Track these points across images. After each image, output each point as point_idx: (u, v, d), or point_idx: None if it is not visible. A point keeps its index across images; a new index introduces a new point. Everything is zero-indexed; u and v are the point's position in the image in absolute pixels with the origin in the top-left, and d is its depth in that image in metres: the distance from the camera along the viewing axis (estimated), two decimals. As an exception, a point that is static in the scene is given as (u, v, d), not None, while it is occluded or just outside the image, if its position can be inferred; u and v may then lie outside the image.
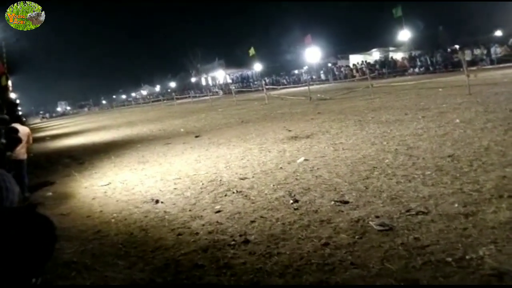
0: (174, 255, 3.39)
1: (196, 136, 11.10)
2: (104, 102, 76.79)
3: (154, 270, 3.14)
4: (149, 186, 6.01)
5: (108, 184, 6.56)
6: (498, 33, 36.95)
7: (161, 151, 9.41)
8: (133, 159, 8.76)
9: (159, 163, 7.87)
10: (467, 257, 2.65)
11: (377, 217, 3.53)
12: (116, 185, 6.45)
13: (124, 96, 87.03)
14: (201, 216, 4.30)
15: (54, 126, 32.87)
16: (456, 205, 3.51)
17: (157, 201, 5.09)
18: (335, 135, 7.98)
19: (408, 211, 3.55)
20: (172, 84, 72.28)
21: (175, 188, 5.65)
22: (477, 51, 27.15)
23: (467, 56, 24.18)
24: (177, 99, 39.46)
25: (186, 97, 40.07)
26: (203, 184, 5.66)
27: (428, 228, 3.16)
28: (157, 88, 78.40)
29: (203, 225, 4.01)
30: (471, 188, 3.88)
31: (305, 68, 43.89)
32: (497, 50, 25.95)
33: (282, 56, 54.21)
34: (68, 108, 70.09)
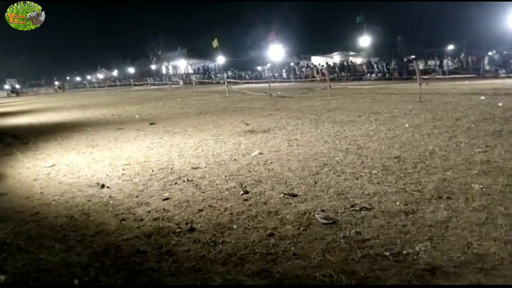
0: (115, 240, 3.26)
1: (151, 124, 10.82)
2: (56, 83, 72.93)
3: (92, 254, 3.00)
4: (96, 170, 5.77)
5: (52, 166, 6.24)
6: (451, 47, 39.05)
7: (112, 136, 9.09)
8: (82, 142, 8.39)
9: (109, 148, 7.60)
10: (404, 252, 2.76)
11: (322, 210, 3.59)
12: (60, 167, 6.14)
13: (78, 78, 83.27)
14: (148, 202, 4.18)
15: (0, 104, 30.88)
16: (398, 203, 3.65)
17: (102, 186, 4.90)
18: (291, 131, 8.07)
19: (352, 206, 3.64)
20: (131, 70, 70.16)
21: (123, 174, 5.47)
22: (431, 62, 28.50)
23: (421, 65, 25.30)
24: (135, 85, 38.33)
25: (144, 84, 38.99)
26: (153, 171, 5.52)
27: (370, 223, 3.25)
28: (115, 72, 75.84)
29: (149, 211, 3.91)
30: (413, 188, 4.05)
31: (268, 65, 44.10)
32: (449, 63, 27.37)
33: (246, 51, 54.19)
34: (18, 86, 65.33)
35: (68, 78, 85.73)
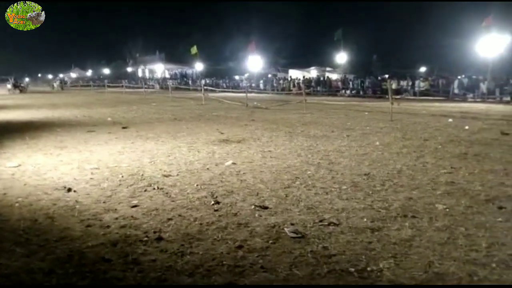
0: (79, 246, 3.18)
1: (124, 127, 10.65)
2: (27, 79, 70.70)
3: (55, 260, 2.91)
4: (63, 173, 5.62)
5: (17, 166, 6.03)
6: (423, 69, 40.49)
7: (82, 138, 8.88)
8: (50, 143, 8.16)
9: (78, 150, 7.41)
10: (368, 268, 2.82)
11: (292, 224, 3.63)
12: (26, 167, 5.94)
13: (50, 76, 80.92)
14: (116, 209, 4.10)
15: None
16: (365, 219, 3.73)
17: (69, 190, 4.77)
18: (265, 143, 8.12)
19: (321, 221, 3.69)
20: (106, 71, 68.89)
21: (91, 178, 5.35)
22: (403, 82, 29.40)
23: (394, 85, 26.06)
24: (109, 86, 37.64)
25: (119, 86, 38.33)
26: (123, 176, 5.42)
27: (337, 238, 3.31)
28: (89, 72, 74.27)
29: (116, 218, 3.83)
30: (380, 205, 4.15)
31: (246, 75, 44.35)
32: (420, 84, 28.31)
33: (225, 60, 54.33)
34: (27, 79, 62.08)
35: (39, 75, 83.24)
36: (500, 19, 24.72)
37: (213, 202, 4.27)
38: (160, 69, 59.88)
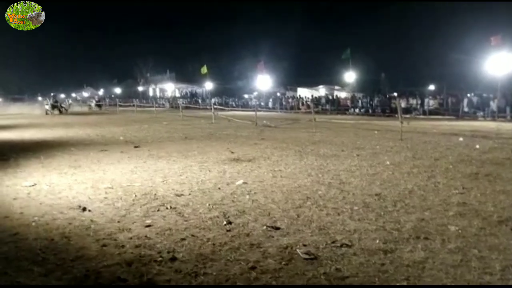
0: (96, 266, 3.24)
1: (136, 147, 10.80)
2: (40, 98, 72.04)
3: (72, 280, 2.98)
4: (78, 192, 5.72)
5: (33, 185, 6.15)
6: (432, 87, 40.48)
7: (95, 157, 9.03)
8: (64, 162, 8.31)
9: (92, 169, 7.54)
10: (381, 290, 2.83)
11: (304, 245, 3.65)
12: (41, 187, 6.06)
13: (63, 96, 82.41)
14: (130, 229, 4.17)
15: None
16: (378, 241, 3.74)
17: (84, 209, 4.86)
18: (275, 162, 8.17)
19: (333, 242, 3.71)
20: (118, 90, 69.95)
21: (105, 197, 5.44)
22: (413, 101, 29.40)
23: (403, 104, 26.08)
24: (121, 106, 38.20)
25: (130, 105, 38.89)
26: (136, 196, 5.50)
27: (350, 260, 3.32)
28: (101, 91, 75.46)
29: (131, 238, 3.89)
30: (392, 226, 4.16)
31: (255, 93, 44.75)
32: (430, 102, 28.30)
33: (234, 79, 54.95)
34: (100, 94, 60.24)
35: (52, 94, 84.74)
36: (510, 38, 24.79)
37: (225, 222, 4.31)
38: (170, 88, 60.72)
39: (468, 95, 27.91)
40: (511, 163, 7.91)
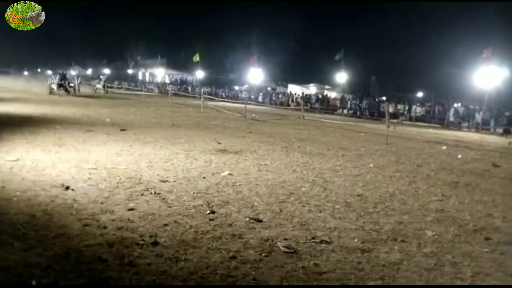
0: (77, 245, 3.25)
1: (122, 130, 10.71)
2: (26, 73, 70.38)
3: (53, 257, 2.98)
4: (61, 171, 5.68)
5: (16, 160, 6.07)
6: (420, 94, 41.06)
7: (81, 137, 8.94)
8: (49, 140, 8.21)
9: (76, 149, 7.47)
10: (356, 288, 2.91)
11: (285, 239, 3.72)
12: (25, 162, 5.99)
13: (50, 72, 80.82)
14: (113, 211, 4.17)
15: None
16: (356, 240, 3.83)
17: (67, 187, 4.83)
18: (261, 156, 8.23)
19: (313, 238, 3.79)
20: (106, 71, 68.88)
21: (89, 178, 5.41)
22: (400, 106, 29.80)
23: (391, 108, 26.40)
24: (109, 87, 37.67)
25: (118, 87, 38.38)
26: (120, 179, 5.49)
27: (328, 256, 3.41)
28: (89, 71, 74.17)
29: (113, 220, 3.90)
30: (371, 227, 4.26)
31: (246, 86, 44.67)
32: (417, 109, 28.73)
33: (226, 70, 54.70)
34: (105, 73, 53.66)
35: (39, 70, 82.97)
36: (500, 52, 25.29)
37: (208, 211, 4.35)
38: (160, 73, 60.13)
39: (455, 105, 28.44)
40: (490, 174, 8.14)
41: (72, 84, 27.55)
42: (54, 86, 26.13)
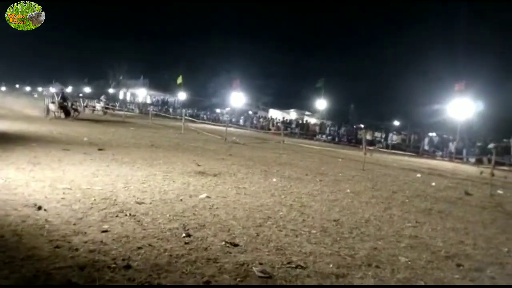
0: (46, 267, 3.15)
1: (100, 149, 10.56)
2: (3, 89, 69.00)
3: (20, 279, 2.88)
4: (35, 190, 5.53)
5: (-14, 178, 5.90)
6: (396, 122, 42.15)
7: (57, 155, 8.77)
8: (23, 158, 8.01)
9: (51, 168, 7.31)
10: (330, 313, 2.92)
11: (260, 264, 3.70)
12: (-4, 181, 5.82)
13: (28, 89, 79.45)
14: (85, 232, 4.08)
15: None
16: (331, 265, 3.85)
17: (39, 208, 4.71)
18: (240, 179, 8.23)
19: (289, 263, 3.79)
20: (87, 89, 68.25)
21: (63, 198, 5.29)
22: (377, 134, 30.46)
23: (368, 136, 26.95)
24: (86, 107, 37.14)
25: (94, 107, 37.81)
26: (95, 200, 5.39)
27: (303, 281, 3.41)
28: (69, 89, 73.31)
29: (86, 242, 3.81)
30: (346, 252, 4.29)
31: (227, 109, 44.93)
32: (393, 137, 29.40)
33: (208, 93, 55.00)
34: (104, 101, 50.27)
35: (17, 86, 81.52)
36: (473, 86, 26.41)
37: (184, 235, 4.30)
38: (142, 94, 59.93)
39: (430, 134, 29.25)
40: (462, 202, 8.34)
41: (75, 107, 23.79)
42: (53, 107, 22.11)
